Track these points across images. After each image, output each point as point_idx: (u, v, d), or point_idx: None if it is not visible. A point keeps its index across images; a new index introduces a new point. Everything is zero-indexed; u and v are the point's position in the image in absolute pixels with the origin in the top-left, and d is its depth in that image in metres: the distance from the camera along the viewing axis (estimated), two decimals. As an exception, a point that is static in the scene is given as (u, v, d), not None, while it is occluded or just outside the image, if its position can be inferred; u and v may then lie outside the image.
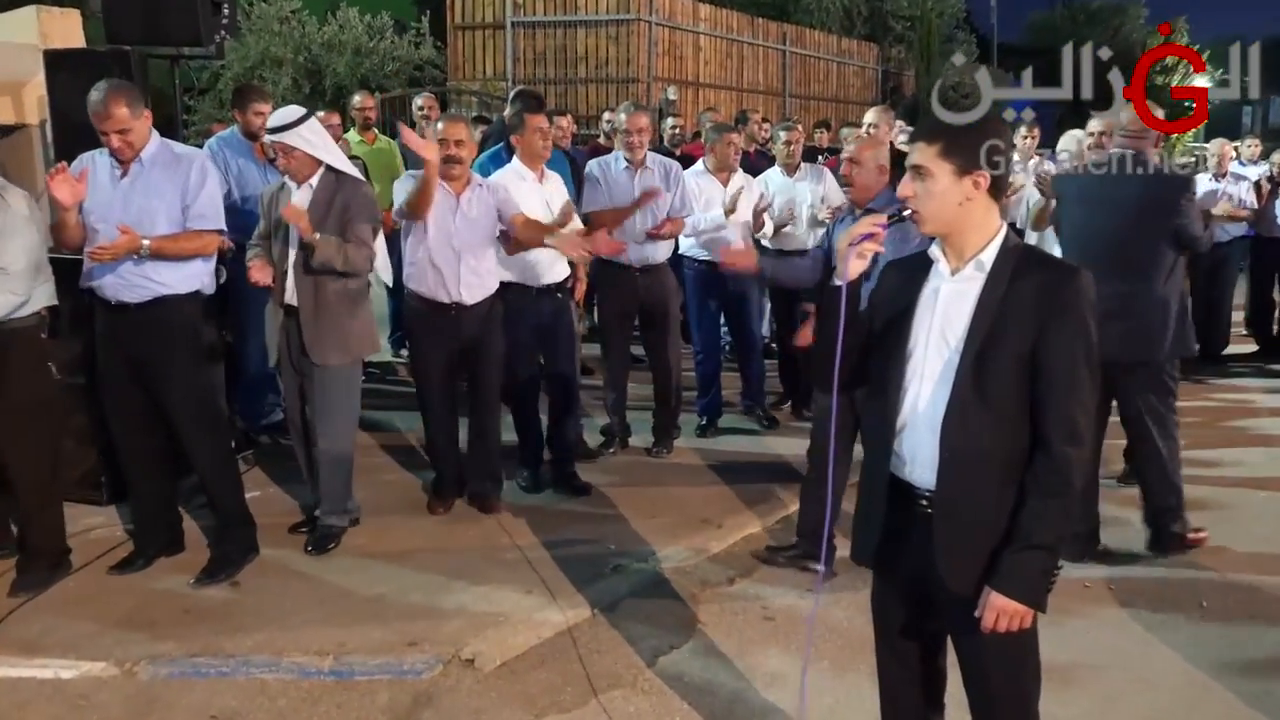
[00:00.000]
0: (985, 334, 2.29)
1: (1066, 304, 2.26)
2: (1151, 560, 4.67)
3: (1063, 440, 2.26)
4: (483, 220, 4.92)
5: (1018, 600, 2.27)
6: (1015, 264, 2.32)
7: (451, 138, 4.79)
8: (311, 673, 3.65)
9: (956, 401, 2.31)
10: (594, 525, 5.01)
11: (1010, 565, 2.28)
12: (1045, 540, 2.28)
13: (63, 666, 3.67)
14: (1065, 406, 2.26)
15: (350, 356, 4.63)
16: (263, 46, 14.85)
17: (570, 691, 3.58)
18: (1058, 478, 2.26)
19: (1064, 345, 2.26)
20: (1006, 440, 2.30)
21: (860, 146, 4.51)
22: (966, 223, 2.34)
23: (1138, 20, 26.64)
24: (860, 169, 4.41)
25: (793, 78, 18.11)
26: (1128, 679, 3.69)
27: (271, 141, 4.51)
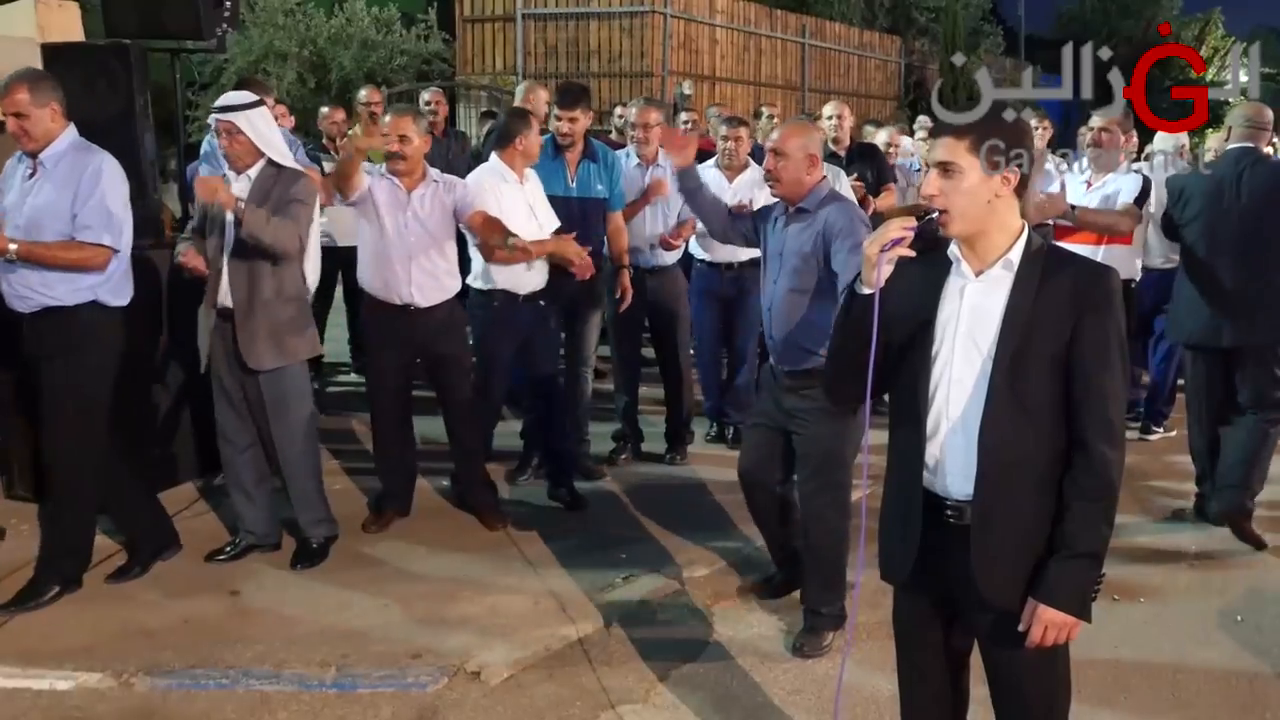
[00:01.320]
0: (1020, 337, 2.22)
1: (1100, 303, 2.21)
2: (1185, 571, 4.59)
3: (1102, 442, 2.20)
4: (437, 218, 4.73)
5: (1065, 611, 2.22)
6: (1044, 264, 2.25)
7: (396, 132, 4.60)
8: (313, 685, 3.59)
9: (993, 408, 2.24)
10: (603, 532, 4.93)
11: (1056, 575, 2.22)
12: (1089, 548, 2.22)
13: (59, 678, 3.61)
14: (1103, 408, 2.21)
15: (287, 358, 4.40)
16: (267, 40, 14.81)
17: (580, 706, 3.50)
18: (1099, 481, 2.21)
19: (1100, 345, 2.20)
20: (1045, 445, 2.24)
21: (785, 133, 3.87)
22: (993, 222, 2.27)
23: (1172, 11, 26.35)
24: (786, 161, 3.81)
25: (812, 71, 17.99)
26: (1158, 698, 3.59)
27: (217, 120, 4.30)
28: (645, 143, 5.72)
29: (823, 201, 3.80)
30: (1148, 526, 5.09)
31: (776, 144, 3.82)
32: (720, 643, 3.93)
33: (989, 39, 22.85)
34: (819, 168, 3.85)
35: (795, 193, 3.82)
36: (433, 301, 4.76)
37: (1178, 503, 5.31)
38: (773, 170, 3.82)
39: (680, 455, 5.99)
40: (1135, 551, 4.76)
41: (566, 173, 5.37)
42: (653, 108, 5.84)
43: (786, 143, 3.80)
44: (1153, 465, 6.01)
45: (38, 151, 4.00)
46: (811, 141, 3.84)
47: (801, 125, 4.12)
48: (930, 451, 2.33)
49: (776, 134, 3.89)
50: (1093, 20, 25.23)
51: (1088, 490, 2.20)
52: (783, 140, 3.82)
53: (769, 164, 3.83)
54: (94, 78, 4.77)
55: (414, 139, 4.64)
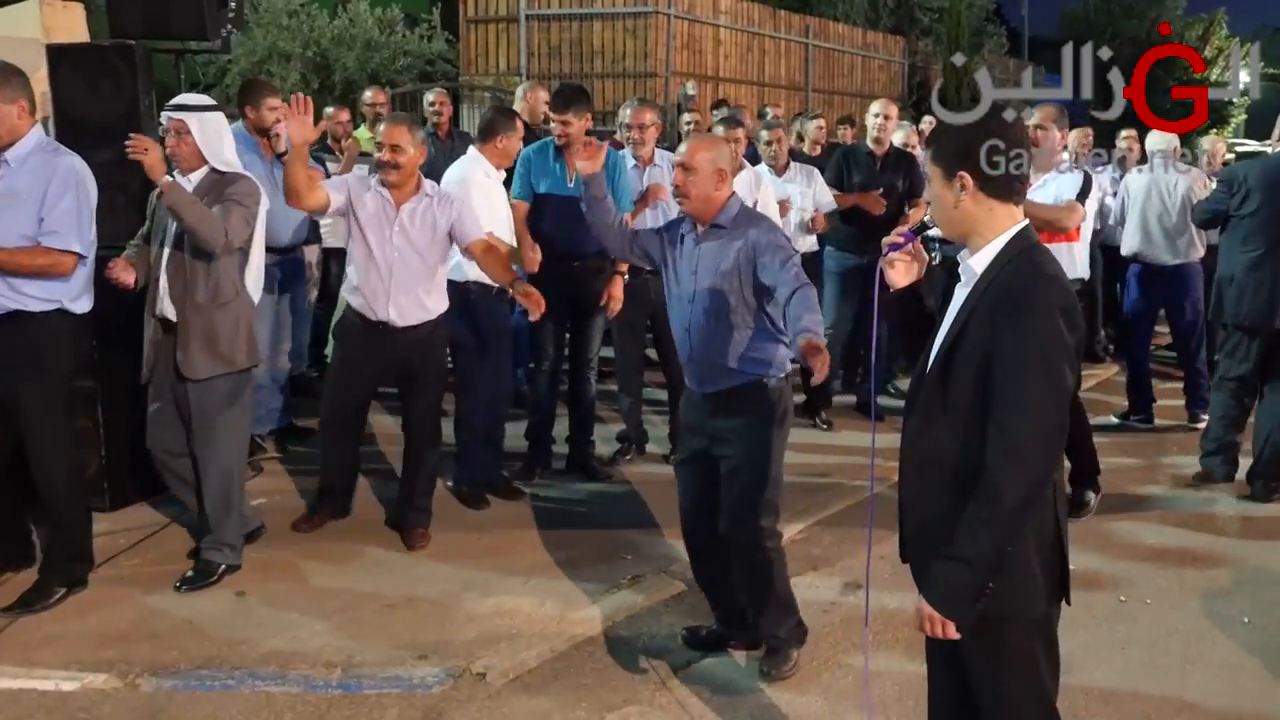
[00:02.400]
0: (954, 337, 2.26)
1: (1022, 307, 2.17)
2: (1192, 573, 4.57)
3: (998, 451, 2.17)
4: (426, 236, 4.52)
5: (934, 607, 2.25)
6: (1000, 268, 2.25)
7: (389, 142, 4.42)
8: (319, 685, 3.58)
9: (919, 404, 2.33)
10: (609, 534, 4.91)
11: (934, 571, 2.27)
12: (965, 553, 2.20)
13: (64, 678, 3.60)
14: (1005, 415, 2.17)
15: (221, 366, 4.25)
16: (270, 40, 14.77)
17: (586, 706, 3.50)
18: (988, 489, 2.18)
19: (1013, 352, 2.16)
20: (964, 449, 2.23)
21: (693, 147, 3.60)
22: (970, 226, 2.32)
23: (1175, 11, 26.23)
24: (695, 176, 3.54)
25: (816, 72, 17.94)
26: (1165, 699, 3.57)
27: (169, 118, 4.19)
28: (641, 143, 5.66)
29: (738, 219, 3.59)
30: (1154, 528, 5.07)
31: (684, 158, 3.56)
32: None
33: (992, 39, 22.77)
34: (728, 183, 3.62)
35: (705, 209, 3.59)
36: (412, 322, 4.58)
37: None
38: (681, 185, 3.57)
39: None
40: (1141, 553, 4.76)
41: (566, 173, 5.32)
42: (647, 108, 5.79)
43: (694, 156, 3.55)
44: (1150, 465, 6.01)
45: (3, 149, 3.90)
46: (720, 156, 3.61)
47: (710, 139, 3.97)
48: None
49: (684, 147, 3.66)
50: (1096, 21, 25.12)
51: (978, 498, 2.18)
52: (690, 154, 3.56)
53: (676, 179, 3.59)
54: (99, 78, 4.75)
55: (408, 149, 4.44)
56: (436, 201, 4.56)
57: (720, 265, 3.55)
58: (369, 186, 4.53)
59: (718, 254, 3.57)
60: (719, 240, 3.58)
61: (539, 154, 5.38)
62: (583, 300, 5.47)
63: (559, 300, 5.37)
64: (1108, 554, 4.69)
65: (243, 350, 4.32)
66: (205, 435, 4.30)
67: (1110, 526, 5.02)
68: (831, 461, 5.92)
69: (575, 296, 5.43)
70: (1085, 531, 4.77)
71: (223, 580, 4.33)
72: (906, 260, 2.48)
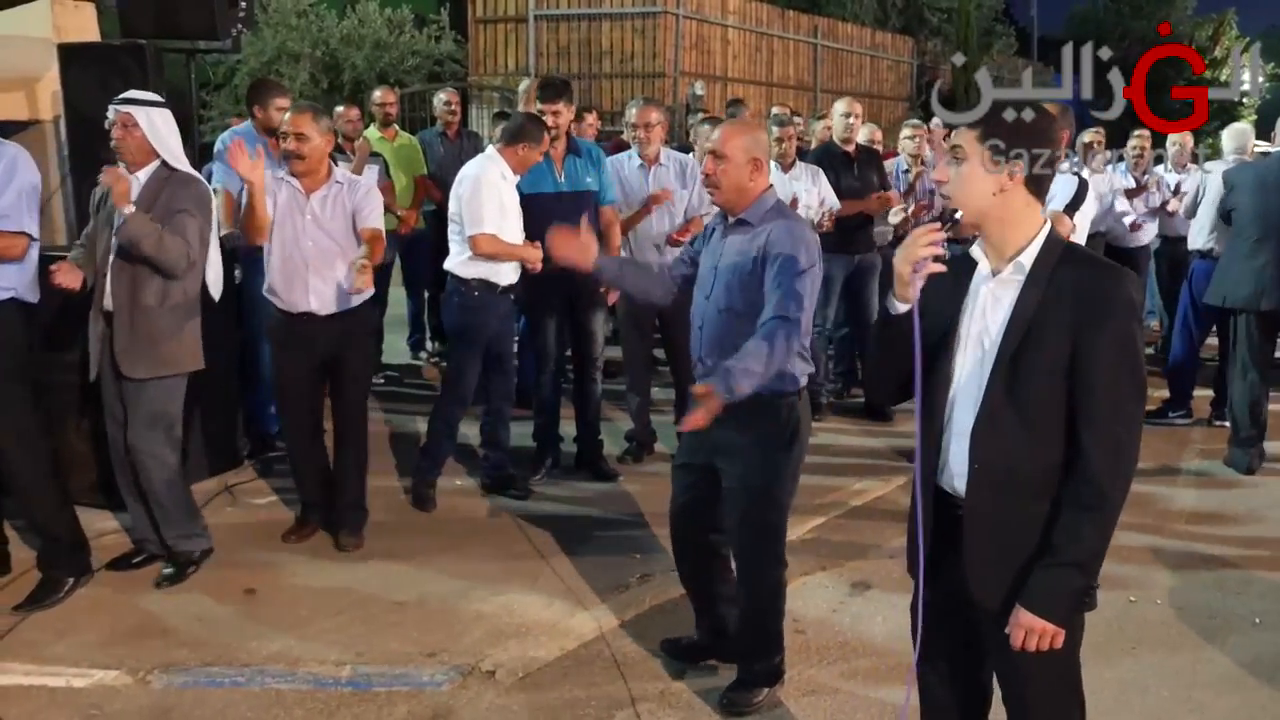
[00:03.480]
0: (1020, 338, 2.20)
1: (1106, 306, 2.15)
2: (1203, 573, 4.56)
3: (1101, 454, 2.15)
4: (339, 222, 4.48)
5: (1046, 618, 2.20)
6: (1056, 264, 2.21)
7: (293, 131, 4.37)
8: (328, 683, 3.59)
9: (987, 408, 2.23)
10: (618, 533, 4.91)
11: (1039, 582, 2.20)
12: (1077, 558, 2.18)
13: (75, 675, 3.62)
14: (1104, 418, 2.15)
15: (163, 369, 4.19)
16: (279, 41, 14.83)
17: (595, 705, 3.49)
18: (1093, 492, 2.16)
19: (1103, 351, 2.14)
20: (1041, 452, 2.21)
21: (726, 133, 3.32)
22: (1003, 216, 2.25)
23: (1185, 11, 26.11)
24: (727, 164, 3.28)
25: (824, 72, 17.92)
26: (1176, 700, 3.56)
27: (116, 111, 4.14)
28: (647, 143, 5.64)
29: (767, 215, 3.31)
30: (1164, 528, 5.06)
31: (716, 145, 3.29)
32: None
33: (1001, 40, 22.72)
34: (763, 174, 3.34)
35: (736, 201, 3.32)
36: (334, 310, 4.52)
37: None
38: (712, 174, 3.30)
39: None
40: (1151, 552, 4.74)
41: (554, 169, 5.28)
42: (652, 107, 5.75)
43: (727, 144, 3.27)
44: (1161, 464, 5.98)
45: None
46: (757, 143, 3.33)
47: (744, 124, 3.73)
48: (942, 448, 2.34)
49: (716, 134, 3.34)
50: (1105, 20, 25.06)
51: (1080, 499, 2.16)
52: (723, 141, 3.28)
53: (708, 167, 3.32)
54: (110, 78, 4.77)
55: (313, 137, 4.40)
56: (347, 188, 4.53)
57: (741, 263, 3.31)
58: (279, 179, 4.49)
59: (740, 250, 3.32)
60: (744, 235, 3.33)
61: None
62: (582, 299, 5.42)
63: (558, 300, 5.39)
64: (1118, 554, 4.62)
65: (188, 353, 4.27)
66: (139, 432, 4.22)
67: (1120, 526, 5.00)
68: (840, 462, 5.90)
69: (574, 296, 5.37)
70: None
71: (199, 568, 4.36)
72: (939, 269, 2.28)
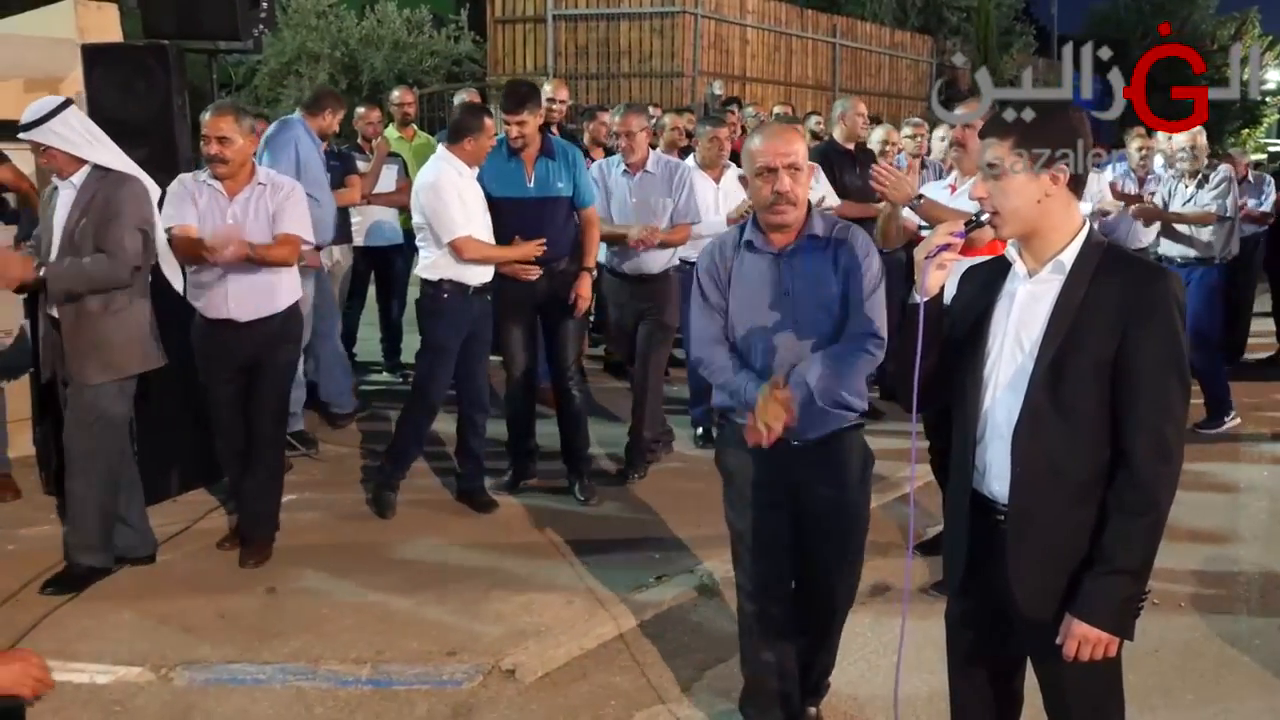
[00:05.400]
0: (1062, 338, 2.16)
1: (1152, 306, 2.12)
2: (1228, 578, 4.53)
3: (1148, 456, 2.12)
4: (261, 225, 4.37)
5: (1100, 628, 2.15)
6: (1098, 263, 2.18)
7: (215, 134, 4.27)
8: (349, 681, 3.60)
9: (1029, 410, 2.19)
10: (637, 533, 4.91)
11: (1092, 590, 2.16)
12: (1129, 564, 2.14)
13: (98, 671, 3.64)
14: (1151, 419, 2.12)
15: (111, 374, 4.10)
16: (299, 41, 14.89)
17: (614, 705, 3.50)
18: (1142, 496, 2.12)
19: (1149, 352, 2.11)
20: (1085, 454, 2.17)
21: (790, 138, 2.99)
22: (1046, 221, 2.22)
23: (1207, 10, 25.89)
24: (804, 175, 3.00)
25: (843, 72, 17.84)
26: (1200, 703, 3.54)
27: (25, 141, 4.04)
28: (630, 151, 5.45)
29: (832, 224, 3.07)
30: (1188, 531, 5.01)
31: (795, 157, 2.93)
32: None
33: (1021, 39, 22.58)
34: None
35: (802, 216, 3.02)
36: (255, 316, 4.42)
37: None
38: (790, 191, 2.93)
39: (640, 474, 5.59)
40: (1175, 555, 4.69)
41: (524, 173, 5.09)
42: (633, 113, 5.56)
43: (801, 152, 2.96)
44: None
45: None
46: (805, 147, 3.05)
47: (795, 127, 3.55)
48: (979, 453, 2.30)
49: (779, 144, 2.95)
50: (1126, 19, 24.89)
51: (1128, 504, 2.13)
52: (801, 153, 2.96)
53: (784, 185, 2.92)
54: (132, 78, 4.79)
55: (235, 139, 4.30)
56: (269, 189, 4.43)
57: (822, 284, 2.99)
58: (201, 181, 4.40)
59: (818, 269, 3.00)
60: (817, 251, 3.01)
61: (492, 157, 5.10)
62: (552, 305, 5.23)
63: (526, 307, 5.23)
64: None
65: (136, 356, 4.18)
66: (76, 434, 4.15)
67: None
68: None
69: (543, 302, 5.22)
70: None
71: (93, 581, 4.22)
72: (945, 265, 2.29)
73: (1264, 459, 6.19)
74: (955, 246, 2.26)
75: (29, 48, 5.44)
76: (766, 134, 3.03)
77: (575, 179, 5.16)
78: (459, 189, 4.85)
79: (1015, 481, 2.22)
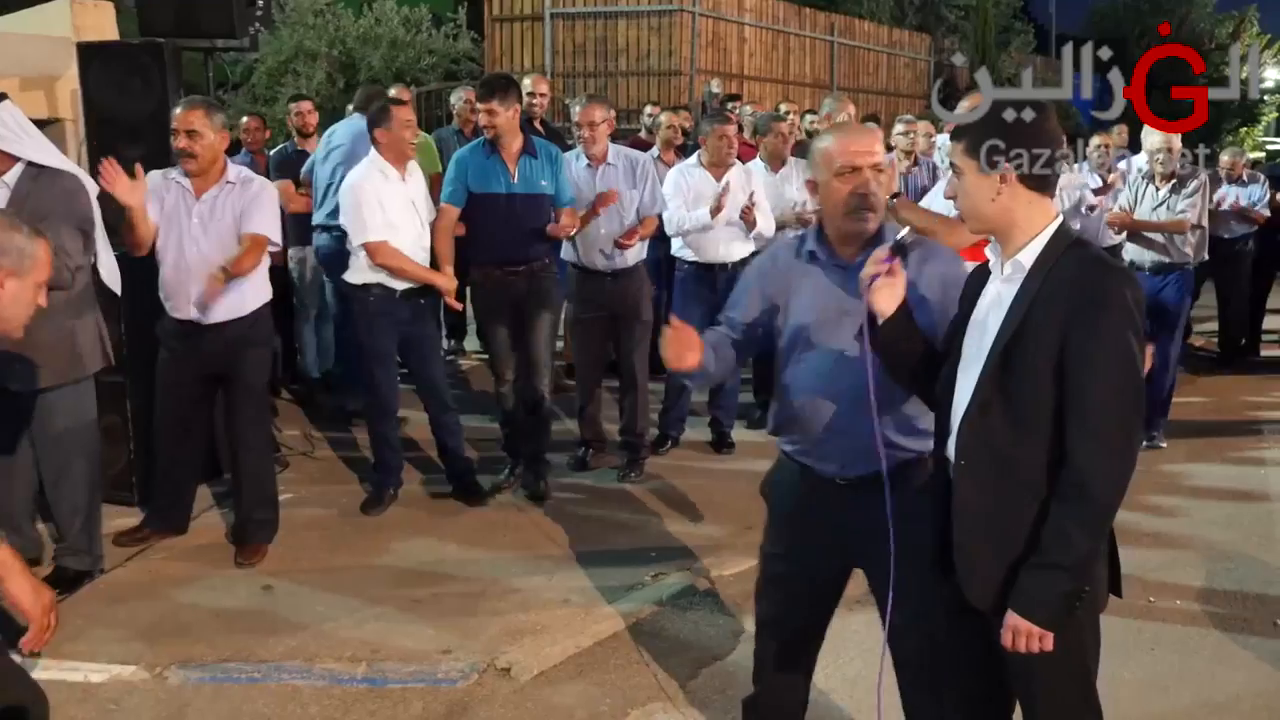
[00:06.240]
0: (1012, 333, 2.19)
1: (1096, 303, 2.12)
2: (1224, 575, 4.53)
3: (1088, 452, 2.12)
4: (228, 224, 4.27)
5: (1031, 620, 2.17)
6: (1055, 261, 2.20)
7: (184, 128, 4.15)
8: (344, 679, 3.60)
9: (977, 404, 2.23)
10: (634, 531, 4.91)
11: (1026, 583, 2.18)
12: (1065, 559, 2.15)
13: (92, 670, 3.63)
14: (1092, 417, 2.12)
15: (56, 379, 3.94)
16: (297, 39, 14.88)
17: (609, 703, 3.49)
18: (1077, 492, 2.13)
19: (1092, 348, 2.11)
20: (1031, 450, 2.18)
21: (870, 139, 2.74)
22: (1005, 220, 2.25)
23: (1205, 9, 25.89)
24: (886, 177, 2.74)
25: (841, 70, 17.85)
26: (1195, 701, 3.53)
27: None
28: (592, 142, 5.36)
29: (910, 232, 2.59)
30: (1183, 530, 5.03)
31: (876, 157, 2.67)
32: (749, 641, 3.85)
33: (1020, 37, 22.60)
34: None
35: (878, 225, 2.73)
36: (220, 318, 4.32)
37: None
38: (874, 196, 2.65)
39: (637, 473, 5.56)
40: (1170, 554, 4.71)
41: (506, 169, 5.01)
42: (596, 104, 5.45)
43: (883, 151, 2.73)
44: (1179, 467, 5.94)
45: None
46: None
47: (873, 127, 3.40)
48: (949, 446, 2.35)
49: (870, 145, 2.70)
50: (1125, 18, 24.88)
51: (1067, 499, 2.13)
52: (879, 150, 2.71)
53: (871, 188, 2.64)
54: (128, 77, 4.78)
55: (206, 134, 4.19)
56: (239, 188, 4.33)
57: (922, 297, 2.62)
58: (170, 179, 4.33)
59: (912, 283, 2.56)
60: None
61: (473, 153, 5.06)
62: (529, 303, 5.15)
63: (505, 306, 5.16)
64: (1137, 555, 4.64)
65: (75, 357, 4.00)
66: (44, 442, 4.03)
67: (1139, 527, 4.97)
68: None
69: (518, 302, 5.14)
70: (1115, 530, 4.71)
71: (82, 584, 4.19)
72: (892, 283, 2.38)
73: (1261, 460, 6.18)
74: (893, 270, 2.38)
75: (25, 46, 5.42)
76: (845, 132, 2.81)
77: (558, 177, 5.12)
78: (380, 193, 4.79)
79: (960, 474, 2.27)
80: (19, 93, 5.20)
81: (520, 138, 5.05)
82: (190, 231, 4.28)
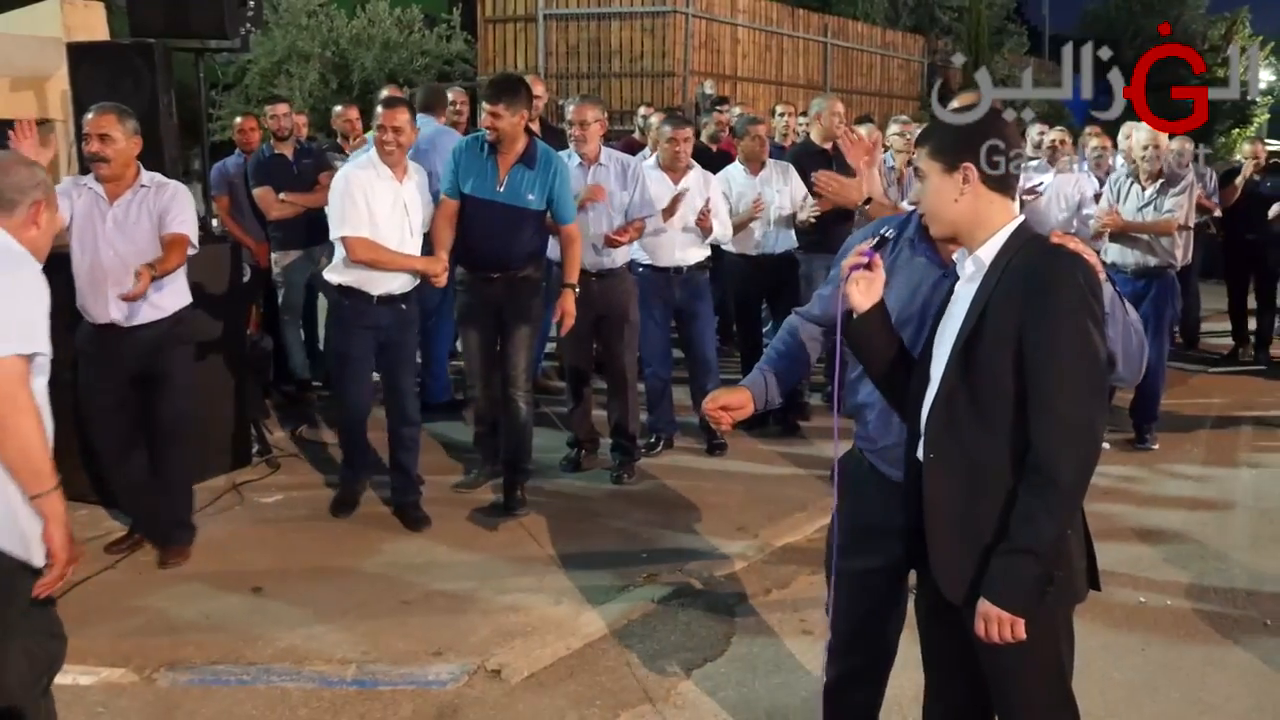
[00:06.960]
0: (973, 326, 2.22)
1: (1048, 287, 2.15)
2: (1214, 575, 4.53)
3: (1050, 436, 2.14)
4: (144, 228, 4.25)
5: (1002, 607, 2.19)
6: (1013, 258, 2.23)
7: (96, 131, 4.15)
8: (334, 682, 3.59)
9: (942, 396, 2.26)
10: (626, 533, 4.90)
11: (995, 569, 2.20)
12: (1032, 544, 2.16)
13: (81, 673, 3.60)
14: (1051, 402, 2.14)
15: None
16: (289, 40, 14.86)
17: (600, 704, 3.48)
18: (1041, 474, 2.15)
19: (1047, 332, 2.14)
20: (997, 441, 2.20)
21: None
22: (968, 219, 2.29)
23: (1198, 10, 25.94)
24: None
25: (834, 71, 17.85)
26: (1186, 701, 3.53)
27: None
28: (583, 141, 5.33)
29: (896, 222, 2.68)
30: (1176, 530, 5.03)
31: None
32: (740, 642, 3.90)
33: (1013, 38, 22.64)
34: None
35: None
36: (140, 321, 4.30)
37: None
38: None
39: (629, 473, 5.54)
40: (1161, 554, 4.71)
41: (496, 176, 4.87)
42: (589, 105, 5.45)
43: None
44: (1174, 467, 5.95)
45: None
46: None
47: None
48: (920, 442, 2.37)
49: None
50: (1117, 19, 24.91)
51: (1032, 484, 2.16)
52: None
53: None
54: (119, 77, 4.78)
55: (118, 139, 4.17)
56: (154, 191, 4.30)
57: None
58: (82, 185, 4.30)
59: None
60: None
61: (469, 149, 4.94)
62: (508, 311, 5.05)
63: (486, 313, 5.09)
64: (1128, 554, 4.65)
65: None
66: None
67: (1131, 527, 4.98)
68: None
69: (500, 308, 5.05)
70: (1107, 530, 4.72)
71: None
72: (870, 277, 2.39)
73: (1251, 461, 6.19)
74: (872, 264, 2.38)
75: (15, 46, 5.41)
76: None
77: (554, 192, 4.92)
78: (366, 188, 4.71)
79: (928, 466, 2.29)
80: (9, 93, 5.21)
81: (522, 143, 4.89)
82: (105, 235, 4.25)
